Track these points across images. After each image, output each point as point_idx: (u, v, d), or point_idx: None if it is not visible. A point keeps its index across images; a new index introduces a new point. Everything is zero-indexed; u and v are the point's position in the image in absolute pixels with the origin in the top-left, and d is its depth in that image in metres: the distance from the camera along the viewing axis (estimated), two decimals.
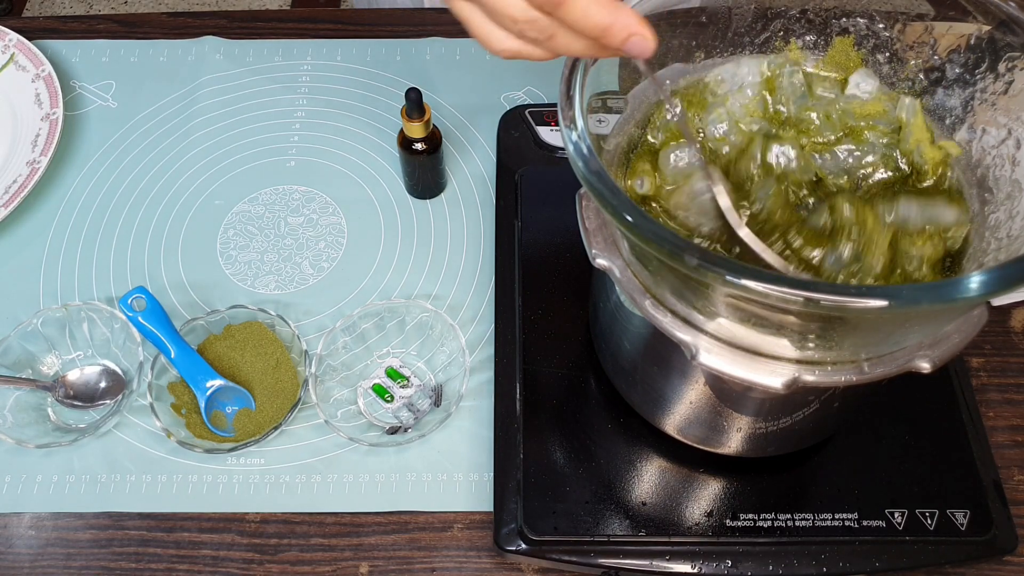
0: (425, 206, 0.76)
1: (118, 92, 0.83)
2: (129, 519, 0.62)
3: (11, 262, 0.73)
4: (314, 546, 0.61)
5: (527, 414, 0.62)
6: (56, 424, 0.65)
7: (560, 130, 0.42)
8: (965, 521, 0.57)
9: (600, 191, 0.39)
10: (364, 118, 0.81)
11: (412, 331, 0.68)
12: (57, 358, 0.67)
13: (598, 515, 0.58)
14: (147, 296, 0.65)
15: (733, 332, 0.42)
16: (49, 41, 0.86)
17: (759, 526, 0.57)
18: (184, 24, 0.88)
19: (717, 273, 0.36)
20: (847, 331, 0.41)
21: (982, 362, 0.67)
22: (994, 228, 0.45)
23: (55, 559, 0.60)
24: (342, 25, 0.88)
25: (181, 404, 0.64)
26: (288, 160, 0.79)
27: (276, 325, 0.67)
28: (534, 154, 0.75)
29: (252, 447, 0.62)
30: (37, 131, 0.78)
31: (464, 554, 0.60)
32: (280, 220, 0.75)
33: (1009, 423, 0.64)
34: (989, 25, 0.46)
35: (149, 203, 0.76)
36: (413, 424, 0.64)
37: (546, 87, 0.83)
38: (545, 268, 0.69)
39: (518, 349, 0.65)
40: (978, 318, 0.44)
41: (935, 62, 0.49)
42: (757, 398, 0.50)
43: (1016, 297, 0.69)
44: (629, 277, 0.45)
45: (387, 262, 0.73)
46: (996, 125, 0.47)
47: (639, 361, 0.56)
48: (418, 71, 0.84)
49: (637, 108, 0.52)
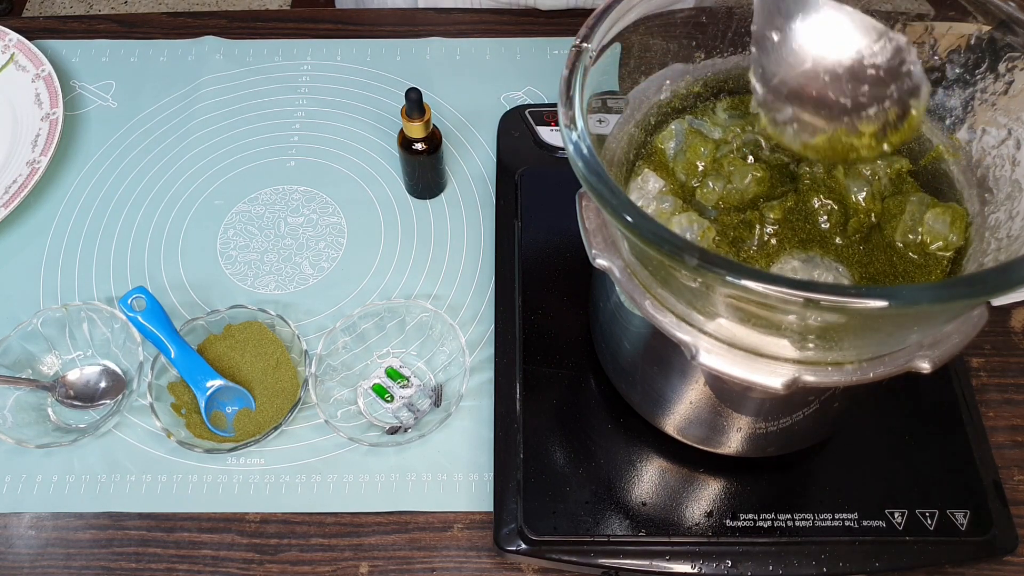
0: (425, 206, 0.76)
1: (118, 92, 0.83)
2: (129, 519, 0.62)
3: (11, 262, 0.73)
4: (314, 546, 0.61)
5: (527, 414, 0.62)
6: (56, 424, 0.65)
7: (560, 130, 0.42)
8: (965, 521, 0.57)
9: (600, 191, 0.39)
10: (364, 118, 0.81)
11: (412, 331, 0.68)
12: (57, 358, 0.67)
13: (598, 515, 0.58)
14: (147, 296, 0.65)
15: (733, 332, 0.42)
16: (49, 41, 0.86)
17: (759, 526, 0.57)
18: (184, 24, 0.88)
19: (717, 273, 0.36)
20: (847, 331, 0.41)
21: (982, 362, 0.67)
22: (994, 228, 0.45)
23: (55, 559, 0.60)
24: (342, 25, 0.88)
25: (181, 404, 0.64)
26: (288, 160, 0.79)
27: (276, 325, 0.67)
28: (534, 154, 0.75)
29: (252, 447, 0.62)
30: (37, 131, 0.78)
31: (464, 554, 0.60)
32: (280, 220, 0.75)
33: (1009, 423, 0.64)
34: (989, 25, 0.46)
35: (149, 203, 0.76)
36: (413, 424, 0.64)
37: (546, 87, 0.83)
38: (545, 268, 0.69)
39: (518, 349, 0.65)
40: (978, 318, 0.44)
41: (935, 62, 0.49)
42: (757, 398, 0.50)
43: (1016, 297, 0.69)
44: (629, 277, 0.45)
45: (387, 262, 0.73)
46: (996, 125, 0.47)
47: (639, 361, 0.56)
48: (418, 71, 0.84)
49: (637, 108, 0.52)
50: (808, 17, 0.40)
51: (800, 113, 0.41)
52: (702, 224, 0.46)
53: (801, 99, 0.41)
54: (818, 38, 0.40)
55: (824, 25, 0.40)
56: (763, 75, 0.41)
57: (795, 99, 0.41)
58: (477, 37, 0.86)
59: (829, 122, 0.41)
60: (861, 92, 0.40)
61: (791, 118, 0.42)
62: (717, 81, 0.53)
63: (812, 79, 0.40)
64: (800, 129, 0.42)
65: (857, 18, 0.40)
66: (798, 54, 0.40)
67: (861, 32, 0.40)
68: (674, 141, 0.51)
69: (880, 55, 0.40)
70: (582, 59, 0.44)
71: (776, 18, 0.41)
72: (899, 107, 0.40)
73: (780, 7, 0.40)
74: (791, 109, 0.41)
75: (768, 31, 0.41)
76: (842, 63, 0.40)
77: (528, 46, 0.85)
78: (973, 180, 0.48)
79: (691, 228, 0.46)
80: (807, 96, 0.41)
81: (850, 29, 0.40)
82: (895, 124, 0.41)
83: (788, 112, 0.42)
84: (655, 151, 0.51)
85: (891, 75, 0.40)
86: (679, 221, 0.46)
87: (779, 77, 0.41)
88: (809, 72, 0.40)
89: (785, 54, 0.41)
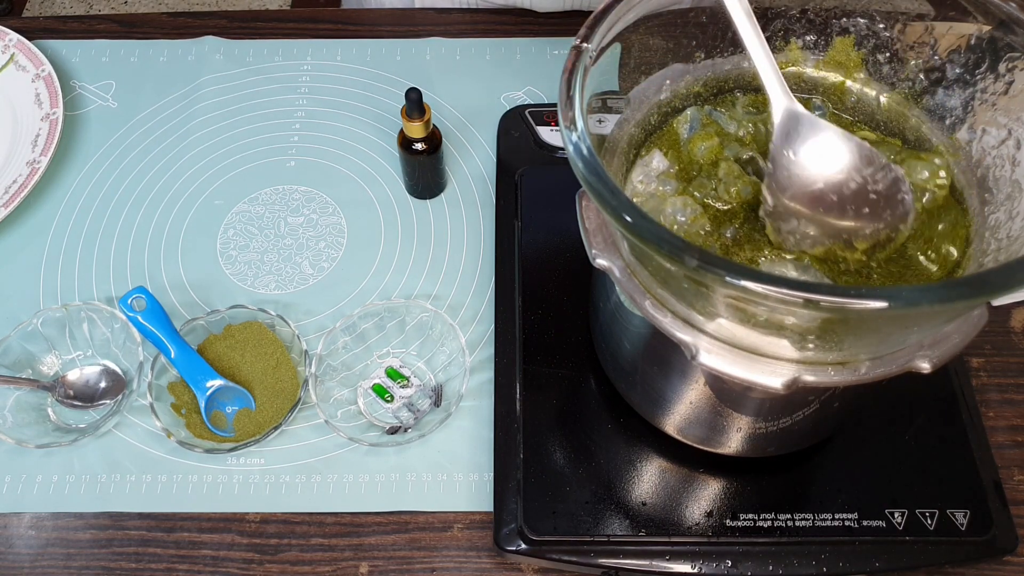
0: (425, 206, 0.76)
1: (118, 92, 0.83)
2: (129, 519, 0.62)
3: (11, 262, 0.73)
4: (314, 546, 0.61)
5: (527, 414, 0.62)
6: (56, 424, 0.65)
7: (560, 130, 0.42)
8: (965, 521, 0.57)
9: (600, 191, 0.39)
10: (364, 118, 0.81)
11: (412, 331, 0.68)
12: (57, 358, 0.67)
13: (598, 515, 0.58)
14: (147, 296, 0.65)
15: (733, 332, 0.42)
16: (49, 41, 0.86)
17: (759, 526, 0.57)
18: (184, 24, 0.88)
19: (717, 274, 0.36)
20: (847, 332, 0.41)
21: (982, 362, 0.67)
22: (994, 228, 0.45)
23: (55, 559, 0.60)
24: (342, 25, 0.88)
25: (181, 404, 0.64)
26: (288, 160, 0.79)
27: (276, 325, 0.67)
28: (534, 154, 0.75)
29: (252, 447, 0.62)
30: (37, 131, 0.78)
31: (464, 554, 0.60)
32: (280, 220, 0.75)
33: (1009, 423, 0.64)
34: (989, 25, 0.46)
35: (149, 203, 0.76)
36: (413, 424, 0.64)
37: (546, 87, 0.83)
38: (545, 268, 0.69)
39: (518, 349, 0.65)
40: (978, 318, 0.44)
41: (935, 62, 0.49)
42: (757, 398, 0.50)
43: (1016, 297, 0.69)
44: (629, 277, 0.45)
45: (387, 262, 0.73)
46: (996, 125, 0.47)
47: (639, 361, 0.56)
48: (418, 71, 0.84)
49: (637, 108, 0.52)
50: (820, 143, 0.44)
51: (803, 227, 0.44)
52: (695, 210, 0.47)
53: (806, 215, 0.44)
54: (828, 162, 0.44)
55: (833, 152, 0.44)
56: (775, 188, 0.44)
57: (801, 214, 0.44)
58: (477, 37, 0.86)
59: (828, 237, 0.44)
60: (862, 214, 0.44)
61: (795, 230, 0.45)
62: (717, 81, 0.54)
63: (820, 199, 0.44)
64: (801, 239, 0.45)
65: (864, 149, 0.43)
66: (810, 175, 0.44)
67: (866, 161, 0.43)
68: (688, 125, 0.51)
69: (881, 183, 0.43)
70: (582, 59, 0.44)
71: (793, 140, 0.44)
72: (890, 230, 0.44)
73: (797, 130, 0.44)
74: (796, 222, 0.44)
75: (784, 150, 0.44)
76: (848, 186, 0.43)
77: (528, 46, 0.85)
78: (973, 180, 0.48)
79: (683, 211, 0.47)
80: (812, 213, 0.44)
81: (856, 158, 0.43)
82: (883, 244, 0.45)
83: (793, 224, 0.45)
84: (669, 131, 0.52)
85: (888, 202, 0.43)
86: (673, 203, 0.48)
87: (790, 192, 0.44)
88: (818, 192, 0.43)
89: (797, 173, 0.44)
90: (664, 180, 0.49)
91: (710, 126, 0.51)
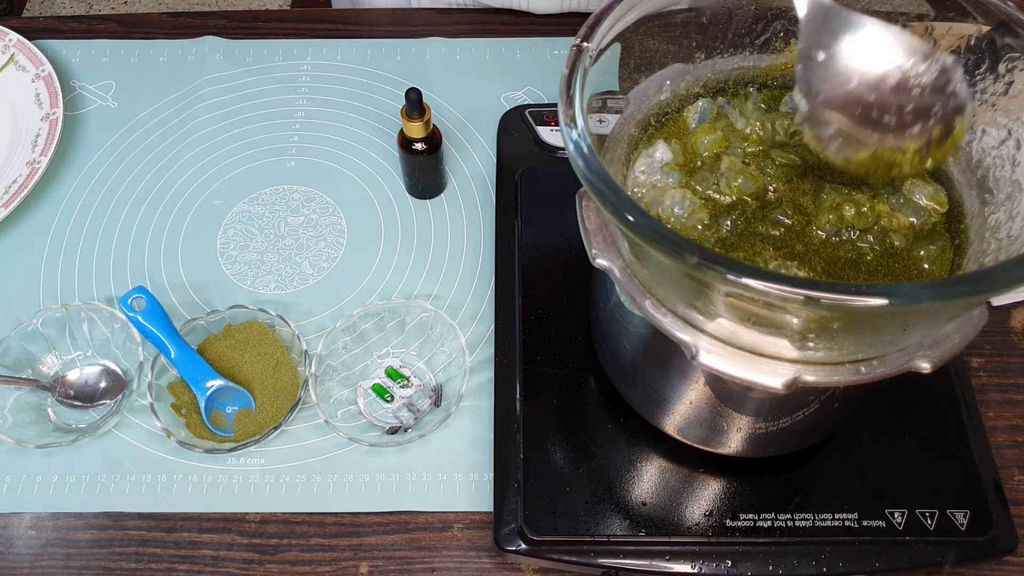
0: (425, 206, 0.76)
1: (118, 92, 0.83)
2: (129, 519, 0.62)
3: (11, 262, 0.73)
4: (314, 546, 0.61)
5: (527, 414, 0.62)
6: (56, 424, 0.65)
7: (560, 130, 0.42)
8: (965, 521, 0.57)
9: (600, 191, 0.39)
10: (364, 118, 0.81)
11: (412, 331, 0.68)
12: (57, 358, 0.67)
13: (598, 515, 0.58)
14: (147, 296, 0.65)
15: (733, 332, 0.42)
16: (49, 41, 0.86)
17: (759, 526, 0.57)
18: (184, 24, 0.88)
19: (717, 272, 0.36)
20: (847, 331, 0.41)
21: (982, 362, 0.67)
22: (994, 228, 0.45)
23: (55, 559, 0.60)
24: (342, 25, 0.88)
25: (181, 404, 0.64)
26: (288, 160, 0.79)
27: (276, 325, 0.67)
28: (534, 154, 0.75)
29: (252, 447, 0.62)
30: (37, 131, 0.78)
31: (464, 554, 0.60)
32: (280, 220, 0.75)
33: (1009, 423, 0.64)
34: (989, 25, 0.46)
35: (149, 203, 0.76)
36: (413, 424, 0.64)
37: (546, 87, 0.83)
38: (545, 268, 0.69)
39: (518, 349, 0.65)
40: (978, 318, 0.44)
41: None
42: (757, 398, 0.50)
43: (1016, 297, 0.69)
44: (629, 277, 0.45)
45: (387, 262, 0.73)
46: (996, 126, 0.47)
47: (639, 361, 0.56)
48: (418, 71, 0.84)
49: (637, 108, 0.52)
50: (854, 36, 0.40)
51: (845, 129, 0.41)
52: (694, 203, 0.47)
53: (846, 116, 0.41)
54: (864, 57, 0.40)
55: (870, 44, 0.40)
56: (808, 91, 0.42)
57: (840, 116, 0.41)
58: (477, 37, 0.86)
59: (873, 139, 0.41)
60: (906, 110, 0.40)
61: (835, 134, 0.42)
62: (717, 81, 0.54)
63: (858, 97, 0.41)
64: (844, 145, 0.42)
65: (904, 38, 0.40)
66: (844, 72, 0.41)
67: (907, 51, 0.40)
68: (698, 116, 0.51)
69: (926, 75, 0.40)
70: (582, 59, 0.44)
71: (822, 36, 0.41)
72: (943, 125, 0.41)
73: (826, 26, 0.41)
74: (836, 125, 0.42)
75: (814, 49, 0.41)
76: (888, 82, 0.40)
77: (528, 46, 0.85)
78: (973, 180, 0.48)
79: (682, 204, 0.47)
80: (852, 113, 0.41)
81: (896, 48, 0.40)
82: (939, 141, 0.41)
83: (832, 128, 0.42)
84: (679, 120, 0.52)
85: (936, 94, 0.40)
86: (672, 195, 0.47)
87: (825, 94, 0.41)
88: (855, 90, 0.40)
89: (831, 72, 0.41)
90: (667, 172, 0.49)
91: (719, 120, 0.51)
